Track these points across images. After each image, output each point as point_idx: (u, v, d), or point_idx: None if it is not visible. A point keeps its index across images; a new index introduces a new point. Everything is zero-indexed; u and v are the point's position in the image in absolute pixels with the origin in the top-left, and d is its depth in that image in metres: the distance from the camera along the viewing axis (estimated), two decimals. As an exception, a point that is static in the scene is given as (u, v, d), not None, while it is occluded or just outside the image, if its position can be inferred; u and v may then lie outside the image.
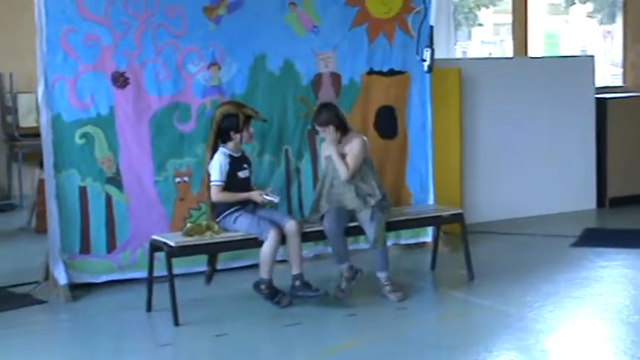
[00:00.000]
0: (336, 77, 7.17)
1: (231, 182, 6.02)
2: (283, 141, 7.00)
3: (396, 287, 6.14)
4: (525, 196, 9.07)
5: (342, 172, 6.12)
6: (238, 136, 6.07)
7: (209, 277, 6.22)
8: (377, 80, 7.33)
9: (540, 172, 9.17)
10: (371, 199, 6.09)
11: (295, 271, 5.94)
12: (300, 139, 7.07)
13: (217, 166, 5.99)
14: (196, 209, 6.69)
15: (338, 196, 6.17)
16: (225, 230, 5.98)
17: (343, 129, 6.18)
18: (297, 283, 5.92)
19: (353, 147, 6.16)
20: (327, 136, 6.14)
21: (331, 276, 6.41)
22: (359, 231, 6.18)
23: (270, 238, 5.83)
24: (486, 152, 8.86)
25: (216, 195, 5.98)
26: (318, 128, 6.20)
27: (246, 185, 6.11)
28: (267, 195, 5.98)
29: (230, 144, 6.09)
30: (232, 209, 5.99)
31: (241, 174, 6.08)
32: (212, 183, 5.99)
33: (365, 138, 6.31)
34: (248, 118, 6.11)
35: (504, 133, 8.96)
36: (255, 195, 5.99)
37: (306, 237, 6.06)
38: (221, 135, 6.09)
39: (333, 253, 6.11)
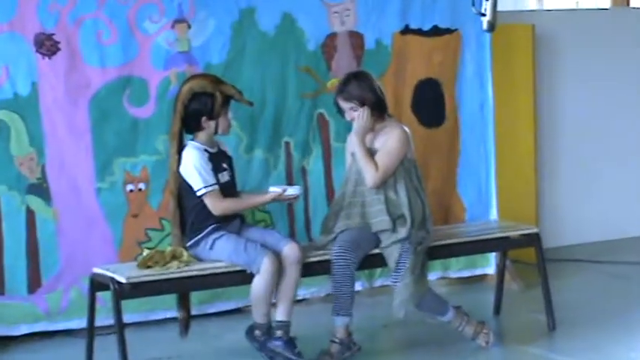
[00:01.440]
0: (356, 38, 7.17)
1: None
2: (282, 131, 7.02)
3: (478, 326, 6.21)
4: (625, 209, 9.18)
5: (369, 176, 6.08)
6: (212, 124, 6.04)
7: (185, 325, 6.20)
8: (415, 42, 7.36)
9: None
10: (402, 229, 6.01)
11: (280, 316, 5.95)
12: (307, 128, 7.10)
13: (196, 168, 5.93)
14: (157, 229, 6.72)
15: (362, 209, 6.12)
16: (199, 260, 5.96)
17: (379, 112, 6.14)
18: (279, 333, 5.91)
19: (389, 140, 6.12)
20: (356, 120, 6.10)
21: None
22: (382, 261, 6.14)
23: (265, 269, 5.80)
24: (572, 146, 8.91)
25: (216, 205, 5.95)
26: (343, 106, 6.13)
27: (230, 192, 6.12)
28: (286, 191, 6.04)
29: (201, 135, 6.07)
30: (209, 229, 5.96)
31: (222, 177, 6.08)
32: (202, 191, 5.93)
33: (407, 129, 6.26)
34: (227, 99, 6.06)
35: (597, 117, 9.01)
36: (273, 196, 6.02)
37: (311, 269, 6.03)
38: (187, 122, 6.04)
39: (333, 295, 6.03)
